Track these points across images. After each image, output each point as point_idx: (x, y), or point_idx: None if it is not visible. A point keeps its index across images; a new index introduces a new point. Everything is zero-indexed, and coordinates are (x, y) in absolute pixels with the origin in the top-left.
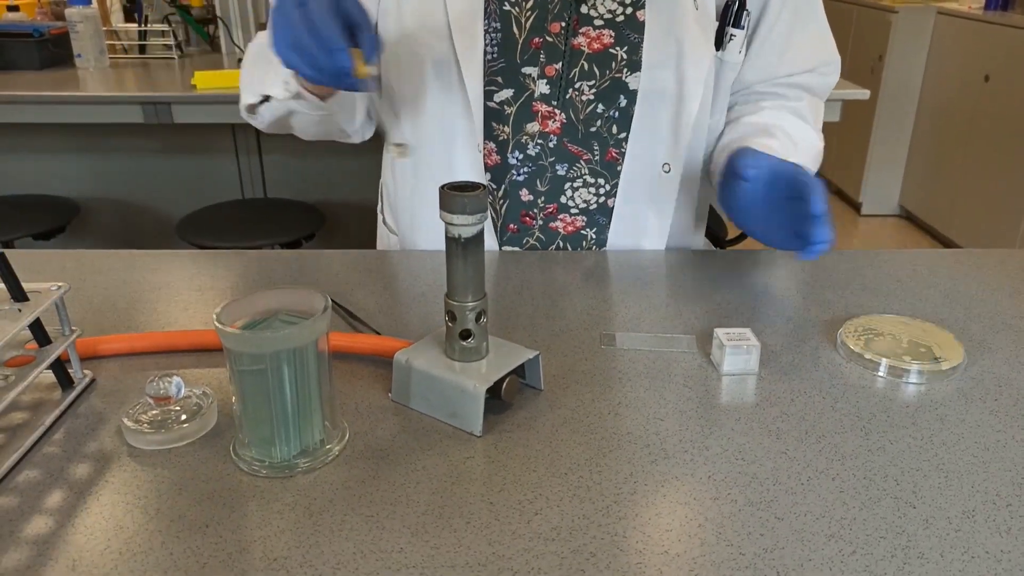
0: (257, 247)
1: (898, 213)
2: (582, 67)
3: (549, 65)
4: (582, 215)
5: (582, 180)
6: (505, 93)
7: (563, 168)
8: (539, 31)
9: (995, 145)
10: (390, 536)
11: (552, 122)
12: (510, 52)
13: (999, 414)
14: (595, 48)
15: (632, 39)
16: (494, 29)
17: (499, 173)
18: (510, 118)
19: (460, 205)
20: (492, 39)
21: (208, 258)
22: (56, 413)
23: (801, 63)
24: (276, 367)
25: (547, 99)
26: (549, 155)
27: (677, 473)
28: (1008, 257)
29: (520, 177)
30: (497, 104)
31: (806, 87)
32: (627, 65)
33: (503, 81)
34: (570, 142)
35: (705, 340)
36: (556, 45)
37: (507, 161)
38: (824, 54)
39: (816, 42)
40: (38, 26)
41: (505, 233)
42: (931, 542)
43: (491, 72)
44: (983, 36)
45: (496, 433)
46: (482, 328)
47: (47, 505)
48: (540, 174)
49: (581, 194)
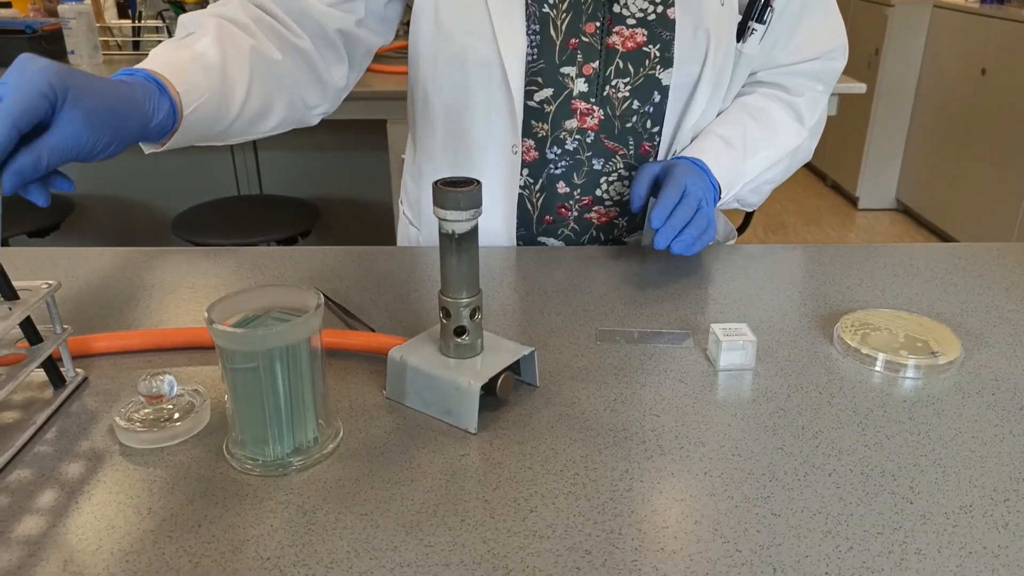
0: (253, 244)
1: (895, 207)
2: (617, 65)
3: (587, 64)
4: (616, 206)
5: (617, 174)
6: (545, 92)
7: (599, 163)
8: (575, 32)
9: (992, 139)
10: (384, 534)
11: (590, 119)
12: (549, 53)
13: (996, 408)
14: (629, 47)
15: (664, 36)
16: (534, 31)
17: (537, 168)
18: (549, 116)
19: (454, 201)
20: (532, 41)
21: (201, 255)
22: (48, 412)
23: (808, 50)
24: (269, 365)
25: (585, 97)
26: (586, 150)
27: (673, 469)
28: (1005, 251)
29: (558, 171)
30: (537, 103)
31: (813, 75)
32: (660, 62)
33: (543, 81)
34: (607, 138)
35: (701, 335)
36: (592, 45)
37: (545, 156)
38: (831, 40)
39: (824, 28)
40: (31, 22)
41: (541, 224)
42: (928, 538)
43: (531, 73)
44: (980, 30)
45: (491, 430)
46: (477, 325)
47: (38, 505)
48: (577, 168)
49: (616, 187)
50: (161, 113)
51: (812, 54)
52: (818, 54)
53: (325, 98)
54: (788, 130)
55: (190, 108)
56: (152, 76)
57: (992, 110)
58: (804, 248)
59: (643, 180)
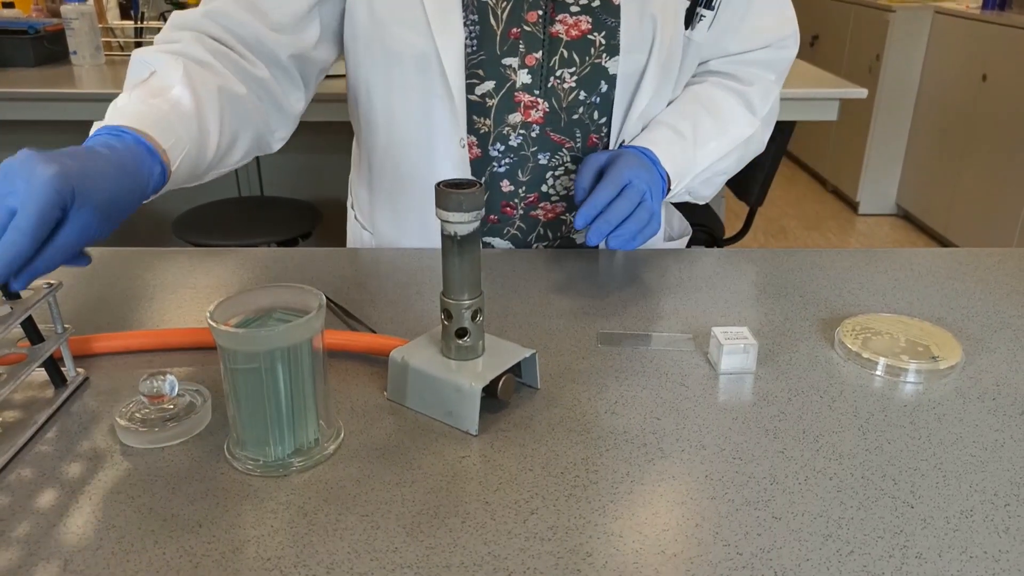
0: (253, 245)
1: (895, 213)
2: (562, 55)
3: (529, 55)
4: (562, 201)
5: (563, 168)
6: (487, 85)
7: (545, 157)
8: (517, 21)
9: (992, 145)
10: (385, 536)
11: (535, 111)
12: (489, 44)
13: (997, 413)
14: (573, 35)
15: (609, 23)
16: (472, 22)
17: (480, 166)
18: (491, 110)
19: (456, 202)
20: (471, 32)
21: (203, 256)
22: (49, 411)
23: (758, 38)
24: (270, 365)
25: (529, 89)
26: (531, 145)
27: (674, 472)
28: (1006, 256)
29: (501, 168)
30: (479, 97)
31: (763, 63)
32: (606, 50)
33: (484, 73)
34: (552, 131)
35: (702, 339)
36: (535, 34)
37: (488, 154)
38: (782, 29)
39: (774, 16)
40: (33, 23)
41: (485, 224)
42: (929, 542)
43: (471, 65)
44: (981, 36)
45: (492, 432)
46: (478, 326)
47: (39, 504)
48: (521, 164)
49: (562, 181)
50: (154, 178)
51: (763, 42)
52: (769, 42)
53: (285, 124)
54: (740, 120)
55: (175, 163)
56: (140, 138)
57: (993, 116)
58: (805, 252)
59: (587, 171)
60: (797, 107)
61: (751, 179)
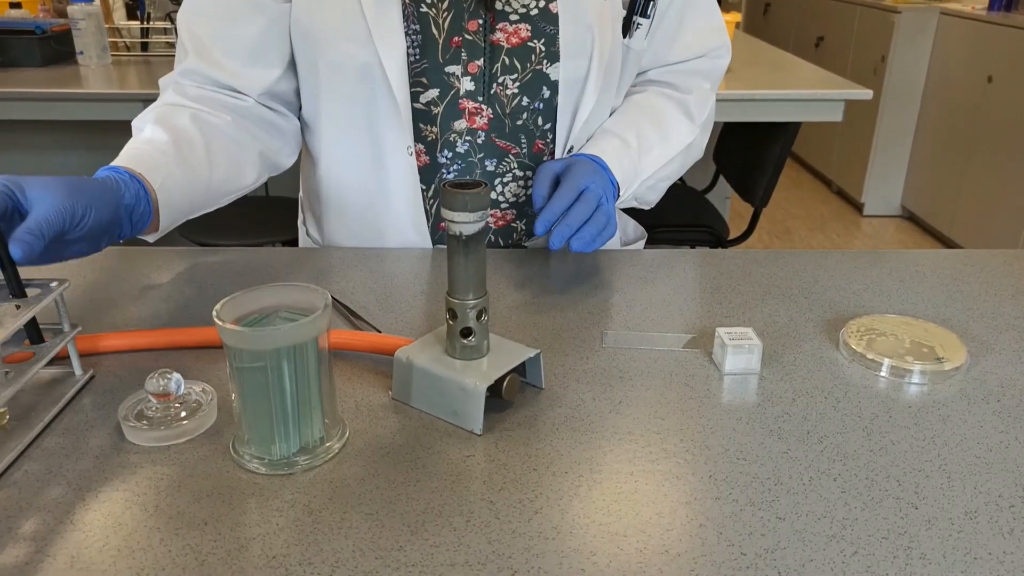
0: (259, 244)
1: (900, 214)
2: (504, 62)
3: (472, 62)
4: (512, 208)
5: (511, 175)
6: (431, 93)
7: (492, 163)
8: (458, 30)
9: (998, 146)
10: (390, 534)
11: (479, 118)
12: (431, 52)
13: (1002, 415)
14: (514, 42)
15: (548, 31)
16: (414, 31)
17: (429, 173)
18: (437, 118)
19: (461, 202)
20: (413, 41)
21: (209, 255)
22: (56, 409)
23: (693, 48)
24: (276, 364)
25: (472, 96)
26: (478, 151)
27: (678, 472)
28: (1012, 258)
29: (450, 175)
30: (424, 105)
31: (699, 72)
32: (546, 56)
33: (428, 81)
34: (498, 137)
35: (707, 339)
36: (476, 42)
37: (436, 160)
38: (714, 39)
39: (706, 27)
40: (40, 23)
41: (437, 232)
42: (933, 543)
43: (415, 73)
44: (986, 37)
45: (497, 432)
46: (483, 326)
47: (46, 501)
48: (470, 171)
49: (511, 188)
50: (130, 190)
51: (698, 51)
52: (704, 51)
53: (287, 143)
54: (680, 128)
55: (158, 183)
56: (115, 168)
57: (998, 117)
58: (810, 253)
59: (544, 179)
60: (802, 108)
61: (756, 180)
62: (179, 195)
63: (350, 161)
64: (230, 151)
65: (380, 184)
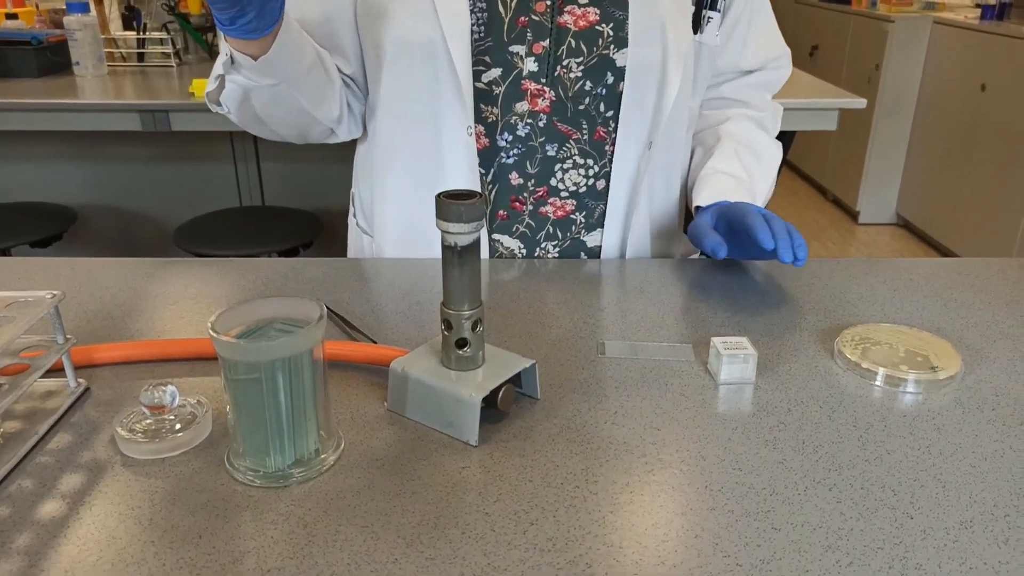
0: (255, 255)
1: (896, 222)
2: (569, 44)
3: (536, 43)
4: (572, 198)
5: (572, 161)
6: (493, 72)
7: (553, 148)
8: (525, 10)
9: (992, 154)
10: (385, 547)
11: (541, 100)
12: (497, 31)
13: (997, 424)
14: (581, 25)
15: (617, 16)
16: (480, 9)
17: (488, 156)
18: (499, 98)
19: (456, 213)
20: (478, 19)
21: (204, 266)
22: (50, 422)
23: (761, 54)
24: (271, 376)
25: (535, 77)
26: (539, 135)
27: (674, 483)
28: (1005, 266)
29: (509, 160)
30: (485, 84)
31: (765, 85)
32: (613, 41)
33: (491, 60)
34: (560, 121)
35: (702, 349)
36: (542, 23)
37: (496, 143)
38: (779, 47)
39: (771, 33)
40: (36, 34)
41: (495, 221)
42: (928, 553)
43: (478, 52)
44: (979, 45)
45: (492, 443)
46: (478, 337)
47: (39, 515)
48: (530, 155)
49: (571, 175)
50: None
51: (766, 56)
52: (771, 57)
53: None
54: (772, 150)
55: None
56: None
57: (992, 125)
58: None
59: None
60: (797, 117)
61: None
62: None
63: (408, 142)
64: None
65: (437, 166)
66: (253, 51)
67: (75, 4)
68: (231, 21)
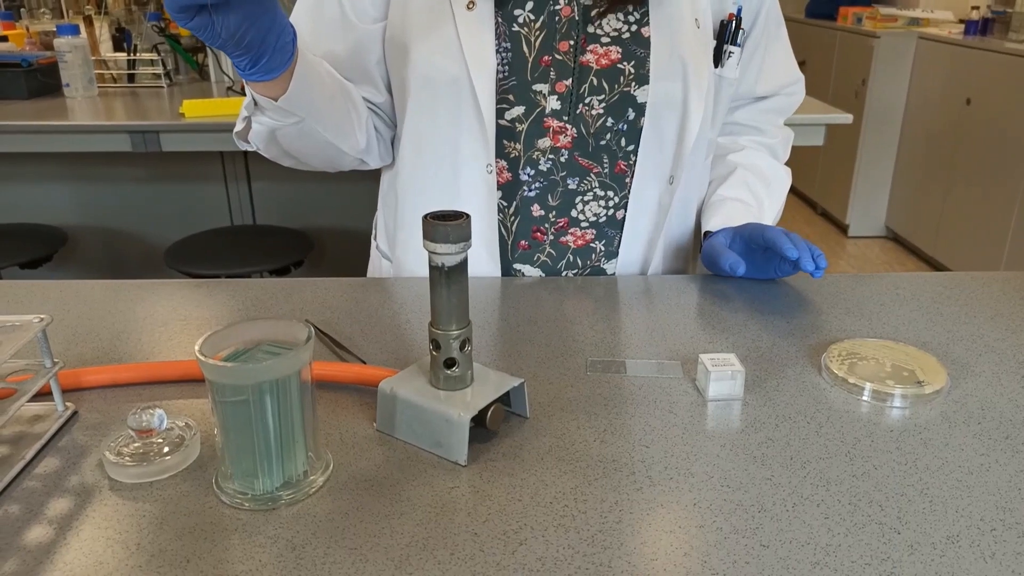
0: (246, 274)
1: (885, 235)
2: (591, 82)
3: (559, 82)
4: (592, 228)
5: (592, 193)
6: (516, 110)
7: (574, 182)
8: (548, 50)
9: (978, 166)
10: (374, 568)
11: (563, 137)
12: (520, 71)
13: (982, 437)
14: (603, 64)
15: (639, 54)
16: (504, 49)
17: (510, 190)
18: (521, 135)
19: (443, 234)
20: (503, 59)
21: (193, 288)
22: (37, 446)
23: (775, 83)
24: (258, 398)
25: (558, 115)
26: (560, 169)
27: (662, 500)
28: (990, 280)
29: (531, 193)
30: (508, 122)
31: (778, 110)
32: (635, 79)
33: (514, 99)
34: (581, 156)
35: (690, 366)
36: (565, 63)
37: (518, 177)
38: (792, 74)
39: (786, 62)
40: (27, 56)
41: (516, 251)
42: (916, 568)
43: (502, 90)
44: (964, 60)
45: (481, 462)
46: (467, 356)
47: (26, 541)
48: (551, 189)
49: (591, 207)
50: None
51: (781, 82)
52: (785, 82)
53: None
54: (781, 176)
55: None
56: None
57: (977, 139)
58: (793, 277)
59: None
60: None
61: None
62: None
63: (428, 175)
64: (351, 95)
65: (455, 199)
66: (274, 93)
67: (65, 26)
68: (252, 65)
